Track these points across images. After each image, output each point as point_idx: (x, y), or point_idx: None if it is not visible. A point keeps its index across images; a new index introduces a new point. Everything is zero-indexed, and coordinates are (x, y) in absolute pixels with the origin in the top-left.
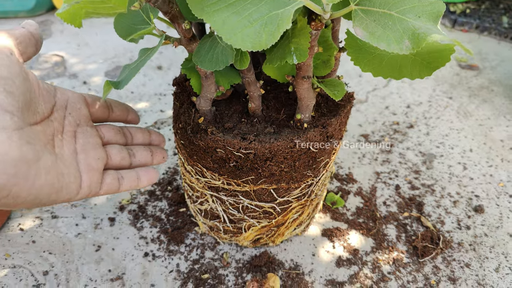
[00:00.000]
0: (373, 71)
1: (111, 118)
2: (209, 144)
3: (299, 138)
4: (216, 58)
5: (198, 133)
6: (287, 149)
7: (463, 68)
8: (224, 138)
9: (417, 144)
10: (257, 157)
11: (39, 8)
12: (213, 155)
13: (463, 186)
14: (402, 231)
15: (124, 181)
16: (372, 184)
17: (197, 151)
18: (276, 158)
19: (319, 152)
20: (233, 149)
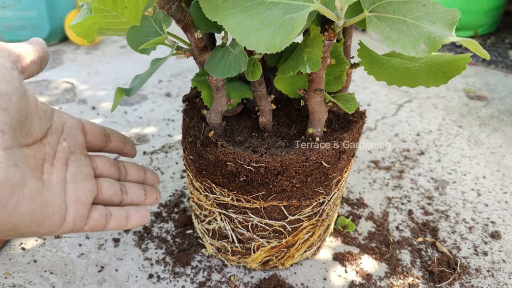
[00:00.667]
0: (387, 80)
1: (108, 148)
2: (219, 158)
3: (312, 151)
4: (228, 65)
5: (208, 147)
6: (299, 163)
7: (472, 99)
8: (235, 151)
9: (429, 171)
10: (268, 171)
11: (52, 38)
12: (222, 169)
13: (478, 212)
14: (417, 256)
15: (112, 218)
16: (384, 209)
17: (207, 165)
18: (287, 172)
19: (331, 168)
20: (244, 163)
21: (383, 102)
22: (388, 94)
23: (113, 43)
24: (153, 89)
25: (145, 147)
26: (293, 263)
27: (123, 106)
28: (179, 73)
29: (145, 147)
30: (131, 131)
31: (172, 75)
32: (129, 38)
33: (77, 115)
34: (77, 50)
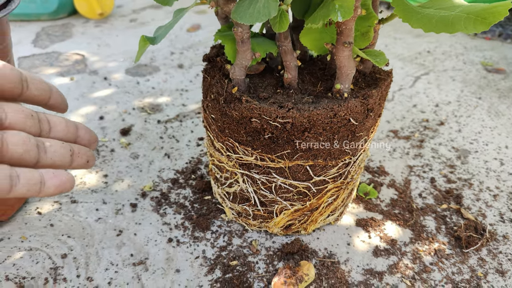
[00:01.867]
0: (424, 27)
1: (25, 97)
2: (243, 114)
3: (340, 107)
4: (258, 11)
5: (232, 103)
6: (327, 119)
7: (490, 72)
8: (260, 106)
9: (450, 140)
10: (294, 128)
11: (61, 11)
12: (246, 127)
13: (502, 180)
14: (442, 223)
15: (20, 182)
16: (406, 177)
17: (230, 123)
18: (314, 129)
19: (358, 126)
20: (269, 118)
21: (400, 75)
22: (404, 67)
23: (122, 17)
24: (165, 60)
25: (159, 116)
26: (315, 229)
27: (135, 77)
28: (190, 46)
29: (159, 116)
30: (144, 100)
31: (184, 48)
32: None
33: (89, 85)
34: (86, 24)
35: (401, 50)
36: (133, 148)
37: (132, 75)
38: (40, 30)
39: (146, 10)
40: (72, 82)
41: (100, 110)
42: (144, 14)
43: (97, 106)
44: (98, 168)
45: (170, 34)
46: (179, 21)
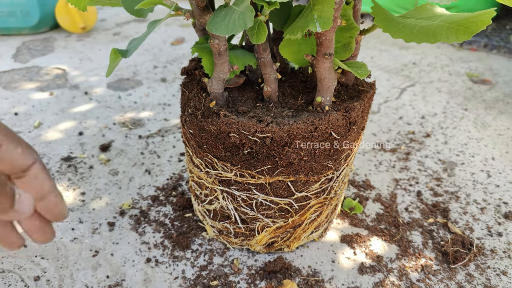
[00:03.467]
0: (405, 37)
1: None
2: (221, 129)
3: (321, 120)
4: (233, 22)
5: (209, 117)
6: (307, 133)
7: (476, 83)
8: (238, 120)
9: (436, 152)
10: (274, 142)
11: (42, 25)
12: (225, 142)
13: (489, 193)
14: (429, 237)
15: None
16: (392, 191)
17: (208, 138)
18: (295, 143)
19: (341, 140)
20: (248, 133)
21: (385, 87)
22: (390, 79)
23: (105, 31)
24: (148, 74)
25: (141, 131)
26: (299, 246)
27: (116, 91)
28: (174, 60)
29: (141, 131)
30: (125, 115)
31: (168, 61)
32: (124, 0)
33: (69, 100)
34: (68, 38)
35: (387, 62)
36: (112, 164)
37: (113, 90)
38: (20, 45)
39: (130, 24)
40: (52, 97)
41: (80, 126)
42: (128, 28)
43: (77, 121)
44: (76, 185)
45: (153, 48)
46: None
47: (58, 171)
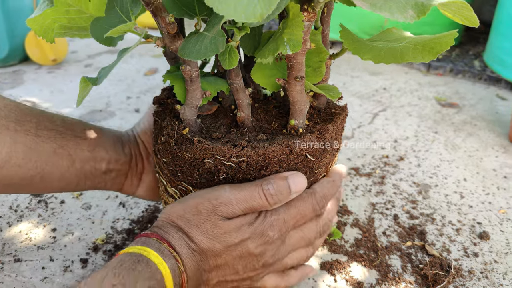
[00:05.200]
0: (373, 59)
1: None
2: (196, 155)
3: (297, 141)
4: (205, 47)
5: (183, 144)
6: (283, 156)
7: (444, 106)
8: (213, 146)
9: (410, 175)
10: (250, 166)
11: (11, 58)
12: (200, 169)
13: (464, 214)
14: (407, 261)
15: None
16: (369, 215)
17: (182, 166)
18: (271, 167)
19: (316, 162)
20: (223, 158)
21: (358, 112)
22: (362, 104)
23: (76, 63)
24: (121, 105)
25: None
26: None
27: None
28: (147, 90)
29: None
30: None
31: (141, 92)
32: (93, 29)
33: None
34: (38, 70)
35: (359, 88)
36: (85, 198)
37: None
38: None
39: (102, 55)
40: None
41: None
42: (100, 59)
43: None
44: (46, 221)
45: (127, 78)
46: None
47: (27, 207)
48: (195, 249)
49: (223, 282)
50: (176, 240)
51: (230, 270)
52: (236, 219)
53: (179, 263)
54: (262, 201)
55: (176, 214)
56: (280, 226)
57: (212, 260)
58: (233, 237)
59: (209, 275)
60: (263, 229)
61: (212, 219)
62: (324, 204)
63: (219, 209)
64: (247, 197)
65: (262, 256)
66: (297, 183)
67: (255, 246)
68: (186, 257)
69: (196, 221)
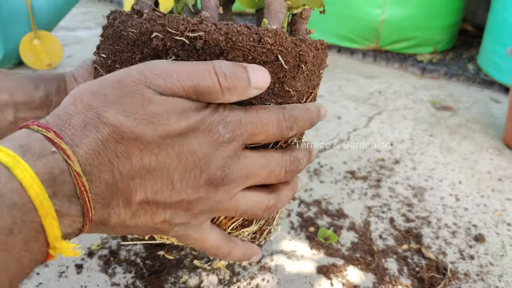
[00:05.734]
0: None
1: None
2: (142, 29)
3: (268, 32)
4: None
5: (129, 20)
6: (249, 43)
7: (439, 109)
8: (165, 16)
9: (405, 178)
10: (207, 48)
11: (6, 62)
12: (144, 49)
13: (459, 216)
14: (404, 264)
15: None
16: (365, 219)
17: (123, 51)
18: (233, 53)
19: (288, 74)
20: (176, 32)
21: (353, 115)
22: (357, 107)
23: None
24: None
25: None
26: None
27: None
28: None
29: None
30: None
31: None
32: None
33: None
34: None
35: (354, 91)
36: None
37: None
38: None
39: None
40: None
41: None
42: None
43: None
44: None
45: None
46: None
47: None
48: (108, 137)
49: (151, 202)
50: (72, 127)
51: (163, 179)
52: (178, 98)
53: (69, 160)
54: (212, 81)
55: (87, 91)
56: (234, 126)
57: (136, 157)
58: (173, 121)
59: (130, 184)
60: (211, 122)
61: (143, 92)
62: (292, 125)
63: (153, 81)
64: (192, 71)
65: (207, 164)
66: (258, 76)
67: (199, 144)
68: (89, 150)
69: (118, 96)
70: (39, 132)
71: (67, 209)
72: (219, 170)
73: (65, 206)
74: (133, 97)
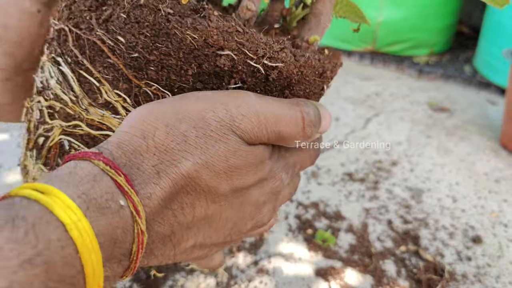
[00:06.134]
0: None
1: None
2: (210, 40)
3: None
4: None
5: (187, 17)
6: (313, 77)
7: (435, 111)
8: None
9: (403, 180)
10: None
11: None
12: (204, 64)
13: (456, 217)
14: (402, 266)
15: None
16: (363, 221)
17: (169, 53)
18: (298, 87)
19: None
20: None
21: (351, 117)
22: (355, 109)
23: None
24: None
25: None
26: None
27: None
28: None
29: None
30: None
31: None
32: None
33: None
34: None
35: (351, 93)
36: None
37: None
38: None
39: None
40: (13, 137)
41: None
42: None
43: None
44: None
45: None
46: None
47: None
48: (181, 190)
49: (197, 246)
50: (143, 172)
51: (218, 227)
52: (260, 147)
53: (138, 217)
54: (297, 129)
55: (161, 122)
56: (291, 169)
57: (201, 209)
58: (250, 175)
59: (184, 234)
60: (277, 169)
61: (228, 140)
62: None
63: (240, 125)
64: (281, 116)
65: (259, 210)
66: (326, 123)
67: (260, 194)
68: (158, 204)
69: (200, 140)
70: (106, 172)
71: (115, 270)
72: (265, 216)
73: (114, 268)
74: (216, 145)
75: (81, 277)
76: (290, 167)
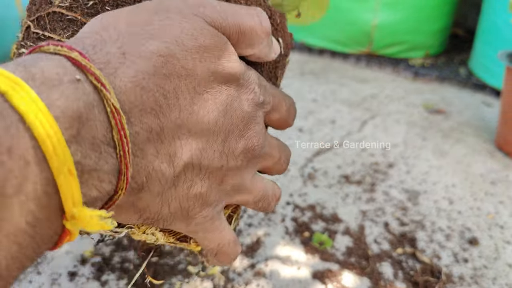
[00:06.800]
0: None
1: None
2: None
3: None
4: None
5: None
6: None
7: (431, 113)
8: None
9: (399, 182)
10: None
11: None
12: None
13: (453, 219)
14: (398, 268)
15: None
16: (359, 223)
17: None
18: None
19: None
20: None
21: (347, 119)
22: (351, 112)
23: None
24: None
25: None
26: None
27: None
28: None
29: None
30: None
31: None
32: None
33: None
34: None
35: (347, 96)
36: None
37: None
38: None
39: None
40: None
41: None
42: None
43: None
44: None
45: None
46: None
47: None
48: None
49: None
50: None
51: (209, 137)
52: (225, 37)
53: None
54: (256, 20)
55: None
56: (265, 91)
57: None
58: (224, 61)
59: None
60: (249, 78)
61: (193, 19)
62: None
63: (203, 10)
64: (237, 9)
65: (247, 127)
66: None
67: (242, 101)
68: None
69: (162, 21)
70: (57, 53)
71: (94, 161)
72: (255, 137)
73: (91, 156)
74: (180, 25)
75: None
76: (263, 88)
